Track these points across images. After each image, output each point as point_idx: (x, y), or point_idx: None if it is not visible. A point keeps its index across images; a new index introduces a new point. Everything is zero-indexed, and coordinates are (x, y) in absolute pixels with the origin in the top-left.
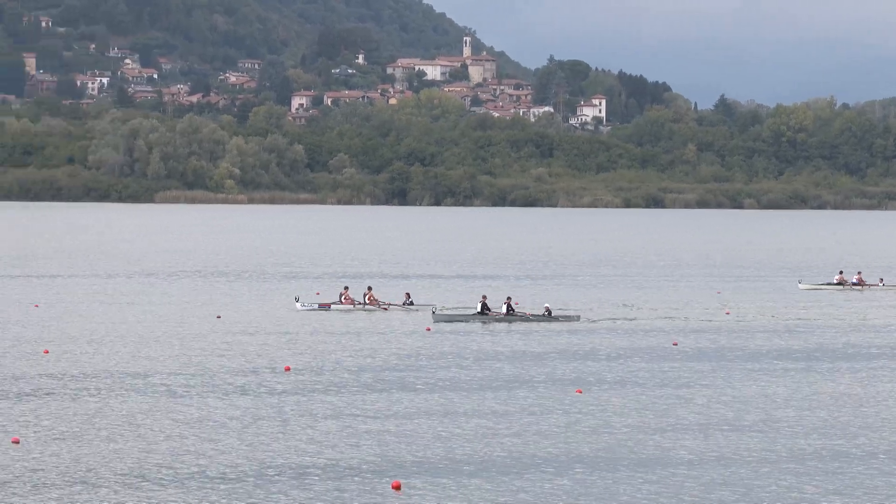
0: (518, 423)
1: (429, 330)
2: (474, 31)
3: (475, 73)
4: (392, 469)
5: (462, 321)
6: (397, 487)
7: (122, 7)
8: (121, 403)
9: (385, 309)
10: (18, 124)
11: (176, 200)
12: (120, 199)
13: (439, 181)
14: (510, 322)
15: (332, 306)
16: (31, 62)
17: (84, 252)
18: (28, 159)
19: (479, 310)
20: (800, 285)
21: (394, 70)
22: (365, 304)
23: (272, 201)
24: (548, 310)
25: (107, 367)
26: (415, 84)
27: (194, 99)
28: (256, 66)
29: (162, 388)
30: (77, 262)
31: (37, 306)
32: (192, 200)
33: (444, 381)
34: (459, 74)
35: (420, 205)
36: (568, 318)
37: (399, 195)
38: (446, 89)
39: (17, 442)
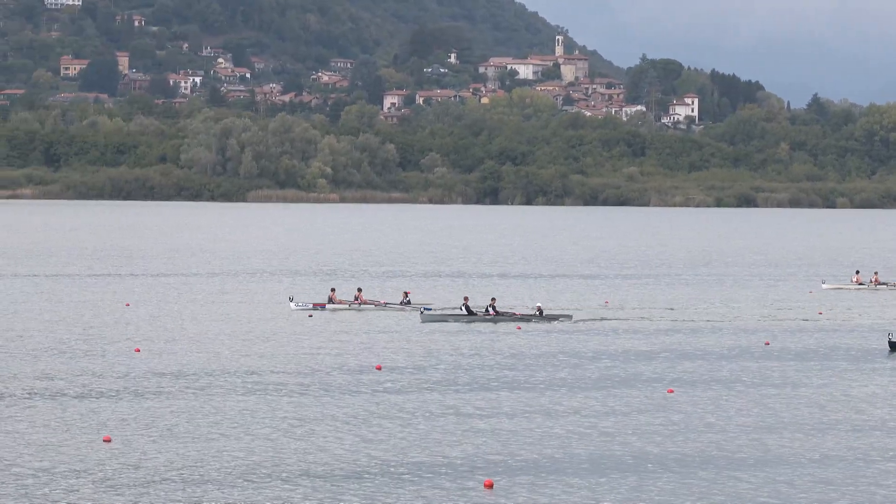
0: (610, 423)
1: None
2: (566, 31)
3: (567, 72)
4: (484, 468)
5: (450, 321)
6: (489, 486)
7: (215, 6)
8: (212, 402)
9: (383, 307)
10: (112, 123)
11: (268, 199)
12: (212, 198)
13: (531, 180)
14: (495, 322)
15: (327, 306)
16: (124, 61)
17: (180, 250)
18: (121, 158)
19: (463, 311)
20: (823, 285)
21: (486, 69)
22: (359, 303)
23: (364, 200)
24: (539, 309)
25: (198, 366)
26: (507, 83)
27: (287, 98)
28: (349, 65)
29: (253, 386)
30: (171, 261)
31: (128, 305)
32: (284, 199)
33: (536, 381)
34: (551, 73)
35: (511, 204)
36: (560, 318)
37: (490, 194)
38: (538, 88)
39: (108, 441)
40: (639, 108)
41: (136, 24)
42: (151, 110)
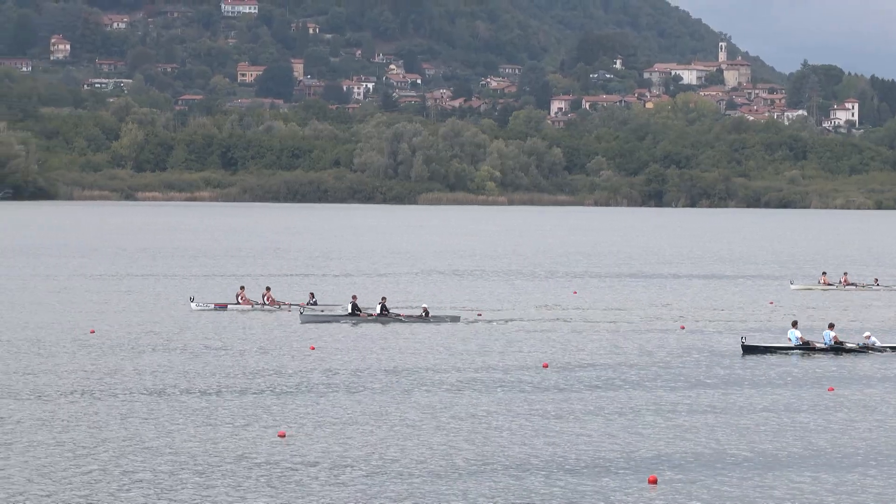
0: (774, 421)
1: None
2: (729, 37)
3: (730, 77)
4: (648, 464)
5: (331, 322)
6: (653, 482)
7: (388, 15)
8: (382, 399)
9: (288, 309)
10: (287, 128)
11: (438, 202)
12: (384, 201)
13: (694, 183)
14: (384, 324)
15: (229, 306)
16: (299, 68)
17: (364, 251)
18: (296, 162)
19: (349, 310)
20: (791, 286)
21: (650, 74)
22: (264, 304)
23: (531, 202)
24: (425, 310)
25: (369, 363)
26: (671, 88)
27: (456, 103)
28: (517, 71)
29: (419, 383)
30: (352, 261)
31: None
32: (454, 202)
33: (695, 377)
34: (714, 79)
35: (675, 206)
36: (446, 320)
37: (655, 197)
38: (702, 93)
39: (282, 436)
40: (800, 112)
41: (311, 31)
42: (325, 115)
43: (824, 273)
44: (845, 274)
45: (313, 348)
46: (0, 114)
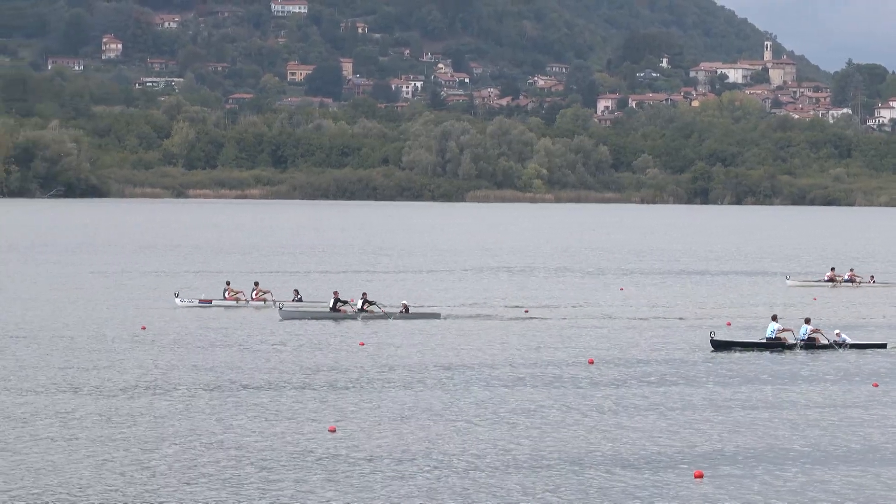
0: (818, 416)
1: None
2: (775, 36)
3: (775, 76)
4: (694, 459)
5: (311, 318)
6: (699, 477)
7: (436, 14)
8: (434, 394)
9: (272, 305)
10: (336, 127)
11: (485, 199)
12: (432, 198)
13: (740, 181)
14: (365, 319)
15: (214, 302)
16: (347, 67)
17: (415, 248)
18: (345, 160)
19: (331, 305)
20: (787, 282)
21: (696, 73)
22: (251, 299)
23: (578, 200)
24: (405, 306)
25: (421, 358)
26: (717, 87)
27: (504, 102)
28: (564, 69)
29: (475, 379)
30: (403, 258)
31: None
32: (501, 199)
33: (736, 372)
34: (760, 77)
35: (721, 203)
36: (427, 316)
37: (701, 194)
38: (747, 92)
39: (333, 431)
40: (845, 111)
41: (360, 30)
42: (374, 114)
43: (832, 269)
44: (851, 270)
45: (363, 344)
46: (53, 112)
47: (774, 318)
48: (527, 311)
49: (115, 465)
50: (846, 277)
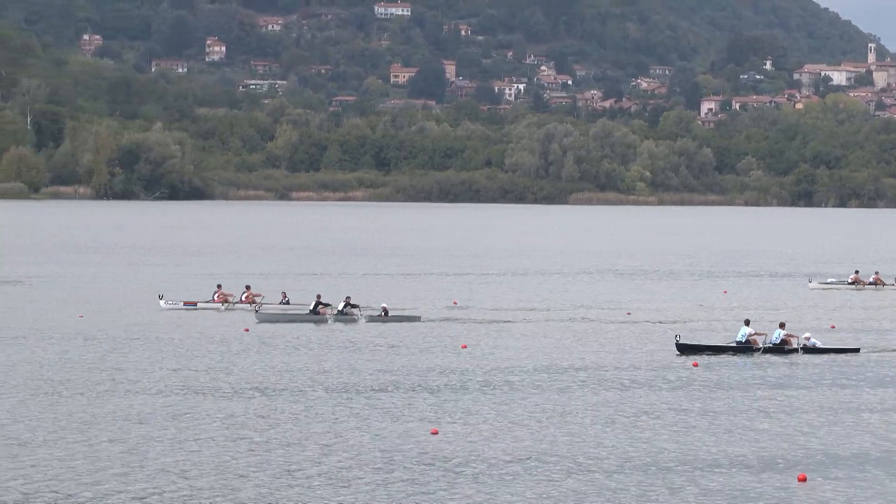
0: None
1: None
2: (879, 38)
3: (879, 78)
4: (797, 463)
5: (287, 322)
6: (803, 480)
7: (539, 17)
8: (532, 398)
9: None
10: (439, 129)
11: (588, 202)
12: (535, 201)
13: (844, 183)
14: (345, 322)
15: (199, 304)
16: (450, 69)
17: (521, 250)
18: (448, 162)
19: (311, 308)
20: (809, 284)
21: (800, 75)
22: (239, 301)
23: (681, 203)
24: (385, 310)
25: (520, 362)
26: (821, 89)
27: (607, 104)
28: (667, 71)
29: (569, 382)
30: (510, 260)
31: (455, 303)
32: (604, 202)
33: (828, 376)
34: (864, 80)
35: (825, 206)
36: (407, 319)
37: (804, 197)
38: (851, 94)
39: (435, 433)
40: None
41: (463, 33)
42: (477, 116)
43: (857, 272)
44: (876, 273)
45: (465, 346)
46: (157, 115)
47: (747, 323)
48: (629, 314)
49: (231, 466)
50: (870, 280)
